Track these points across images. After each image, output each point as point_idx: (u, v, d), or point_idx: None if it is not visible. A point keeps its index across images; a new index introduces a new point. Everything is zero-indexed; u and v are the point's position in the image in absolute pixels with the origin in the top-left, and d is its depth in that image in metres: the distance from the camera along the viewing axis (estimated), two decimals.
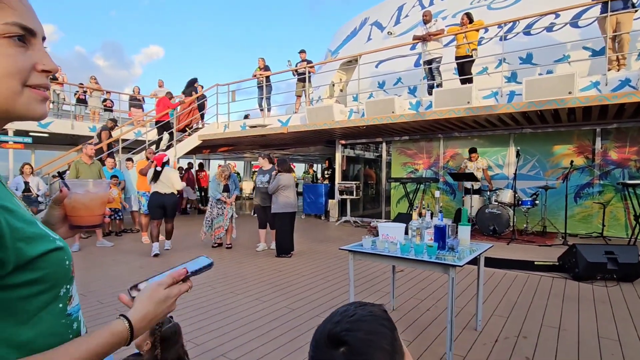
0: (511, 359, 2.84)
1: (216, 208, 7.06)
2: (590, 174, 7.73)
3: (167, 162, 6.53)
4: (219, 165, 8.87)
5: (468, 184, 8.35)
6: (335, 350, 0.72)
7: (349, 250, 3.14)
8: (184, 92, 11.90)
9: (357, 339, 0.71)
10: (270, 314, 3.78)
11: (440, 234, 2.96)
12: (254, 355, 2.92)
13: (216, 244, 7.16)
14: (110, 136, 10.26)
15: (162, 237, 7.41)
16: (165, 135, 11.05)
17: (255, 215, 7.35)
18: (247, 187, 18.21)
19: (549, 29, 8.67)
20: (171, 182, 6.45)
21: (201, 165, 15.24)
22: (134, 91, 14.48)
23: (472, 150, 8.33)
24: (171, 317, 2.06)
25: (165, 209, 6.51)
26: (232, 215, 7.10)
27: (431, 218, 3.19)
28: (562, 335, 3.25)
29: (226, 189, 7.14)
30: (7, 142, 10.15)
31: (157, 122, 11.26)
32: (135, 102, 14.11)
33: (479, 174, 8.00)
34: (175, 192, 6.63)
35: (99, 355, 0.67)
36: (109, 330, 0.70)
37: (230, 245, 7.10)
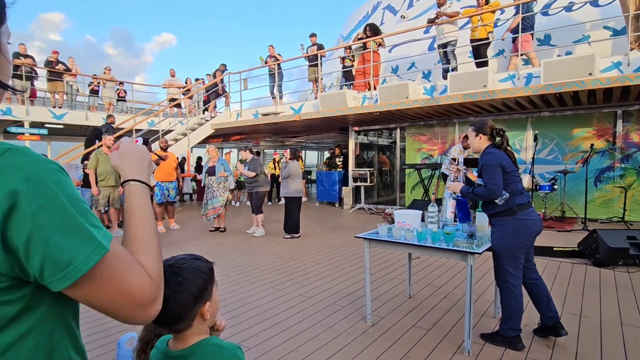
0: (531, 347, 2.79)
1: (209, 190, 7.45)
2: (611, 157, 7.52)
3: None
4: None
5: (446, 170, 7.99)
6: None
7: (365, 238, 3.11)
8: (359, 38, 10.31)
9: (175, 281, 0.94)
10: (285, 302, 3.77)
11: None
12: (270, 344, 2.92)
13: (213, 228, 7.52)
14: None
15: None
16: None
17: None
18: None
19: (568, 8, 8.39)
20: None
21: None
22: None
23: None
24: None
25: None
26: (216, 201, 7.33)
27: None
28: (583, 322, 3.18)
29: (211, 171, 7.44)
30: (23, 134, 10.36)
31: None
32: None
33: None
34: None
35: (150, 210, 0.83)
36: (133, 195, 0.82)
37: (224, 229, 7.49)
